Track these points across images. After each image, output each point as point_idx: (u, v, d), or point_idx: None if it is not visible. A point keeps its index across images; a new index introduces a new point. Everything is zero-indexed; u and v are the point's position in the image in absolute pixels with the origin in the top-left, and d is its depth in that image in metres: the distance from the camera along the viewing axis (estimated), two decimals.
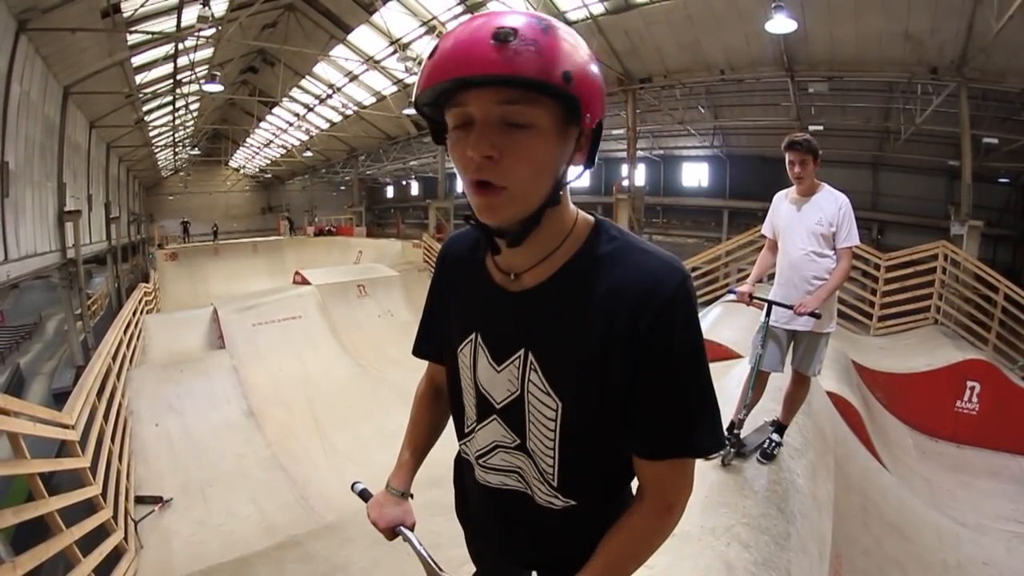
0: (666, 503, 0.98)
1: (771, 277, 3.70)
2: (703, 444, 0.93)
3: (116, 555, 4.76)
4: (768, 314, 3.44)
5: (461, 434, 1.17)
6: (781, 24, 10.15)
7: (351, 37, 18.66)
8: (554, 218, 0.93)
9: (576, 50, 0.84)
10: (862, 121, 14.30)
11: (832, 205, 3.31)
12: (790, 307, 3.32)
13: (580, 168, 0.92)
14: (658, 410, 0.92)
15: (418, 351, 1.30)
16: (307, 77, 23.34)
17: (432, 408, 1.33)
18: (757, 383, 3.48)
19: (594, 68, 0.86)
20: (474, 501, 1.23)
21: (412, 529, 1.22)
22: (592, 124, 0.87)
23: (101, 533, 4.62)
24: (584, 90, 0.83)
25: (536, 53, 0.79)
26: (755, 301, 3.54)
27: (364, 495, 1.35)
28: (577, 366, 0.93)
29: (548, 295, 0.96)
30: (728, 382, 4.68)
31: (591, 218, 1.01)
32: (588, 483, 1.03)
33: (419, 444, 1.32)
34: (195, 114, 26.26)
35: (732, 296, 3.73)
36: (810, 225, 3.34)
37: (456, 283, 1.14)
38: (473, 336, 1.06)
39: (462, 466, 1.24)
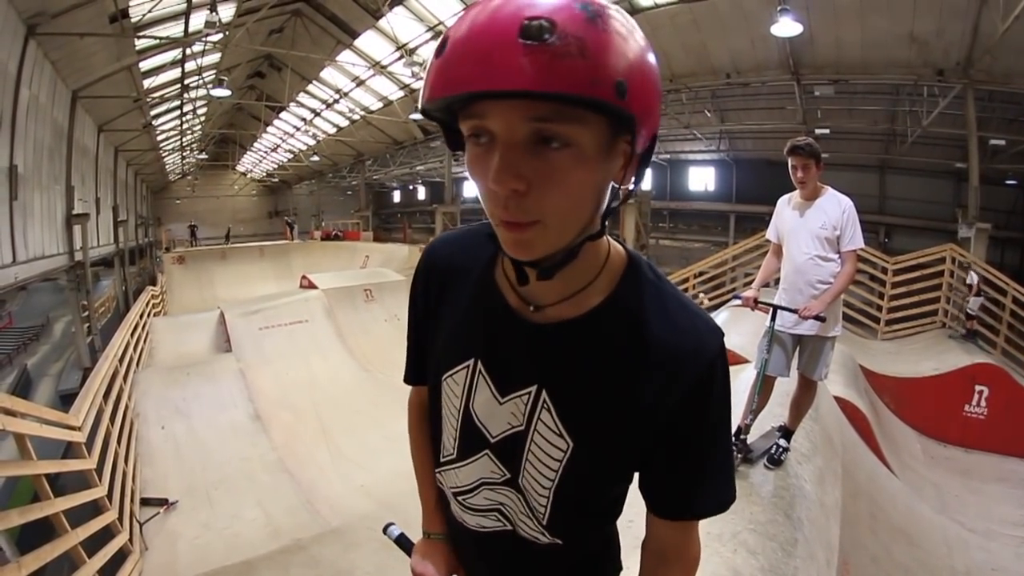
0: (692, 558, 0.98)
1: (777, 282, 3.69)
2: (725, 499, 0.91)
3: (121, 556, 4.76)
4: (773, 318, 3.43)
5: (438, 462, 1.04)
6: (786, 27, 10.15)
7: (358, 42, 18.73)
8: (592, 249, 0.81)
9: (631, 44, 0.65)
10: (868, 124, 14.28)
11: (836, 208, 3.30)
12: (795, 311, 3.31)
13: (628, 189, 0.78)
14: (689, 474, 0.88)
15: (411, 378, 1.13)
16: (314, 82, 23.43)
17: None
18: (763, 388, 3.46)
19: (652, 66, 0.69)
20: (453, 530, 1.11)
21: None
22: (647, 143, 0.72)
23: (106, 534, 4.63)
24: (641, 103, 0.65)
25: (581, 56, 0.59)
26: (760, 306, 3.53)
27: (403, 543, 1.22)
28: (598, 413, 0.84)
29: (575, 335, 0.84)
30: (735, 387, 4.66)
31: (622, 251, 0.88)
32: (578, 522, 0.95)
33: (426, 471, 1.17)
34: (202, 118, 26.47)
35: (737, 301, 3.73)
36: (814, 229, 3.33)
37: (450, 296, 0.97)
38: (471, 362, 0.92)
39: (441, 494, 1.12)
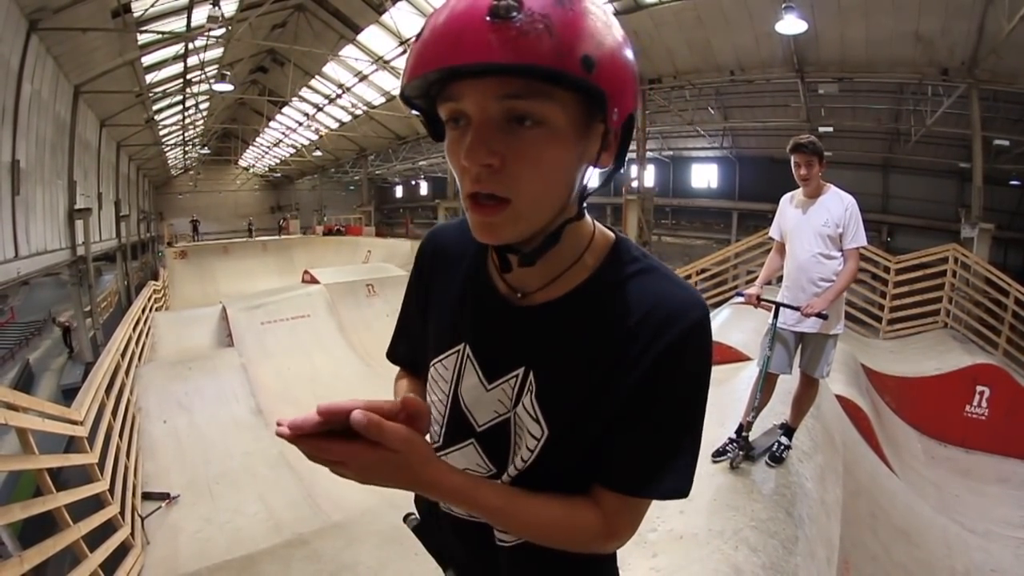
0: (612, 530, 0.85)
1: (779, 279, 3.69)
2: (675, 488, 0.82)
3: (123, 550, 4.77)
4: (776, 316, 3.43)
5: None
6: (791, 25, 10.13)
7: (360, 37, 18.73)
8: (573, 233, 0.81)
9: (604, 28, 0.67)
10: (872, 123, 14.25)
11: (838, 206, 3.30)
12: (797, 308, 3.32)
13: (607, 171, 0.79)
14: (644, 446, 0.81)
15: (393, 354, 1.14)
16: (317, 77, 23.42)
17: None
18: (765, 386, 3.46)
19: (626, 52, 0.70)
20: (436, 520, 1.07)
21: None
22: (620, 121, 0.72)
23: (108, 529, 4.64)
24: (611, 80, 0.67)
25: (546, 32, 0.62)
26: (763, 303, 3.53)
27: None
28: (576, 395, 0.81)
29: (560, 314, 0.83)
30: (737, 384, 4.67)
31: (610, 234, 0.88)
32: None
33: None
34: (205, 113, 26.45)
35: (740, 298, 3.72)
36: (816, 227, 3.33)
37: (443, 284, 0.97)
38: (461, 348, 0.91)
39: None
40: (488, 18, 0.61)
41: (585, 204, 0.82)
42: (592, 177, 0.79)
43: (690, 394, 0.82)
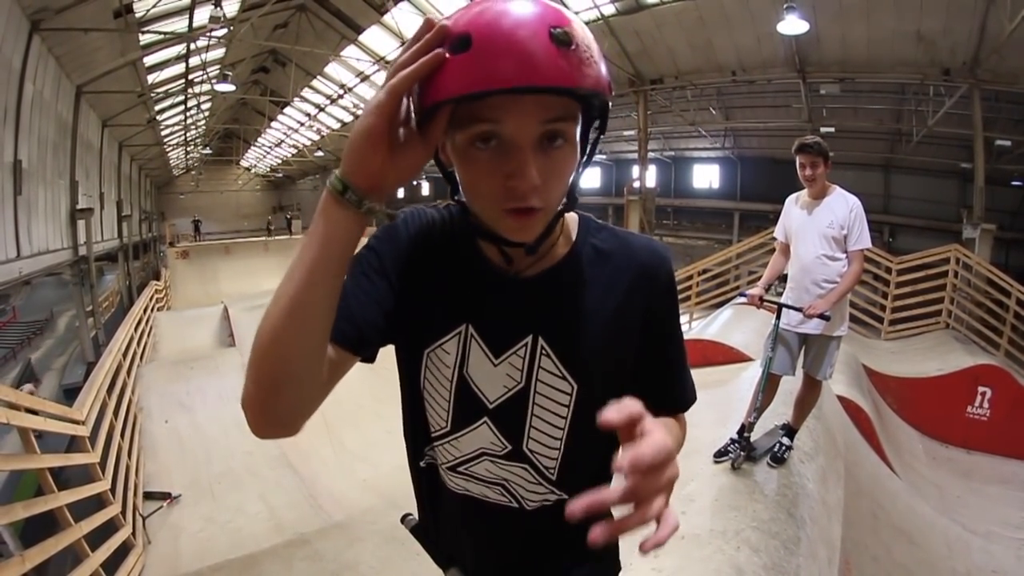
0: (684, 424, 1.05)
1: (782, 280, 3.69)
2: (692, 398, 1.02)
3: (124, 550, 4.78)
4: (778, 317, 3.43)
5: (427, 440, 1.02)
6: (793, 25, 10.12)
7: (362, 37, 18.70)
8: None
9: (596, 48, 0.75)
10: (874, 123, 14.24)
11: (843, 208, 3.30)
12: (800, 309, 3.32)
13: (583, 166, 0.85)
14: (667, 371, 1.00)
15: (339, 335, 0.83)
16: (318, 77, 23.40)
17: None
18: (768, 386, 3.46)
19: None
20: (448, 509, 1.07)
21: None
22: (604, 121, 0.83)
23: (109, 528, 4.65)
24: (609, 89, 0.76)
25: (593, 61, 0.70)
26: (766, 304, 3.53)
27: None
28: (592, 344, 0.91)
29: (556, 279, 0.92)
30: (739, 385, 4.67)
31: (574, 213, 0.96)
32: (585, 472, 0.96)
33: None
34: (207, 113, 26.41)
35: (743, 299, 3.73)
36: (821, 228, 3.33)
37: (428, 268, 0.93)
38: (462, 328, 0.93)
39: (427, 478, 1.08)
40: (552, 44, 0.66)
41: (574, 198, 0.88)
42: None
43: (678, 316, 1.01)
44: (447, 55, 0.69)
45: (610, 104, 0.79)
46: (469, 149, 0.75)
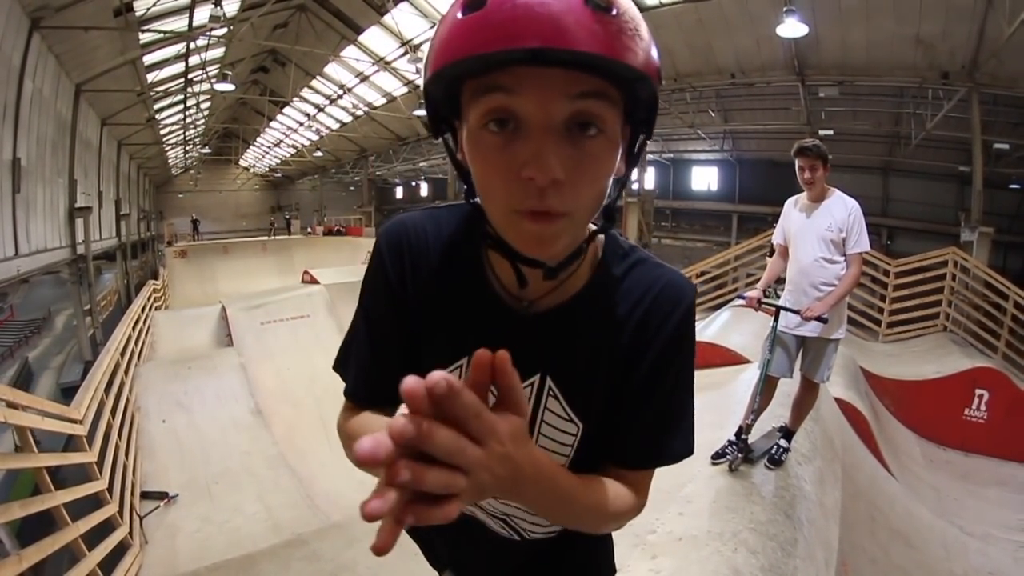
0: (642, 501, 0.87)
1: (779, 282, 3.69)
2: (687, 449, 0.87)
3: (121, 549, 4.77)
4: (776, 319, 3.43)
5: None
6: (792, 28, 10.16)
7: (362, 38, 18.74)
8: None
9: (642, 23, 0.64)
10: (872, 126, 14.26)
11: (842, 211, 3.30)
12: (798, 312, 3.32)
13: (620, 180, 0.73)
14: (659, 421, 0.84)
15: (363, 393, 0.91)
16: (318, 77, 23.43)
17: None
18: (765, 389, 3.47)
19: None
20: (447, 533, 1.04)
21: None
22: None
23: (106, 528, 4.64)
24: (658, 72, 0.65)
25: (637, 35, 0.60)
26: (764, 306, 3.53)
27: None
28: (599, 386, 0.84)
29: (571, 316, 0.82)
30: (737, 387, 4.67)
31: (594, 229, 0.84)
32: None
33: None
34: (206, 113, 26.45)
35: (741, 301, 3.73)
36: (820, 231, 3.34)
37: (428, 289, 0.85)
38: (464, 362, 0.84)
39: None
40: (587, 6, 0.56)
41: (613, 218, 0.80)
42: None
43: (690, 363, 0.85)
44: (459, 15, 0.59)
45: (659, 99, 0.67)
46: (481, 133, 0.63)
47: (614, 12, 0.57)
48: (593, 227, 0.79)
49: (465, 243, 0.84)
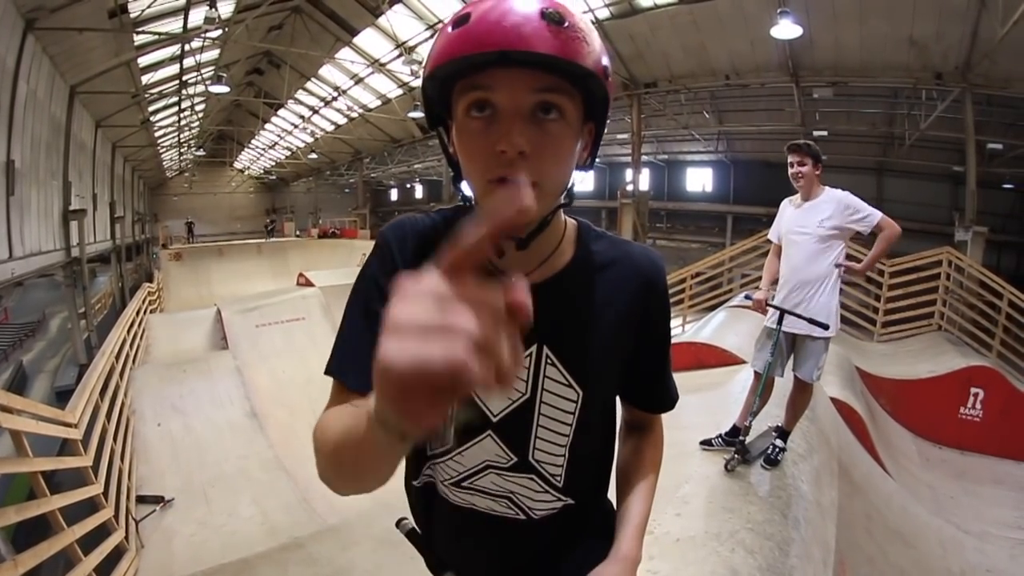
0: (661, 436, 1.13)
1: (774, 282, 3.70)
2: (676, 398, 1.09)
3: (117, 554, 4.76)
4: (780, 322, 3.42)
5: (424, 459, 1.00)
6: (786, 30, 10.19)
7: (357, 40, 18.70)
8: (557, 222, 0.90)
9: (604, 50, 0.80)
10: (866, 127, 14.30)
11: (831, 202, 3.37)
12: (802, 317, 3.32)
13: (583, 169, 0.87)
14: (660, 373, 1.05)
15: (353, 381, 0.87)
16: (313, 79, 23.37)
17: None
18: (765, 390, 3.47)
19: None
20: (449, 530, 1.06)
21: None
22: (602, 128, 0.86)
23: (102, 532, 4.62)
24: (610, 91, 0.80)
25: (585, 42, 0.74)
26: (771, 309, 3.52)
27: (414, 538, 1.09)
28: (596, 350, 0.93)
29: (560, 287, 0.91)
30: (732, 387, 4.68)
31: (572, 220, 0.99)
32: (589, 474, 1.03)
33: None
34: (201, 115, 26.39)
35: (748, 302, 3.73)
36: (812, 228, 3.37)
37: None
38: None
39: (424, 496, 1.05)
40: (543, 19, 0.71)
41: (572, 196, 0.89)
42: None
43: (670, 321, 1.05)
44: (450, 30, 0.75)
45: (611, 97, 0.81)
46: (466, 120, 0.77)
47: (566, 24, 0.72)
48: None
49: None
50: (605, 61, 0.78)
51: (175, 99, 21.11)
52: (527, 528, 0.99)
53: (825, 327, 3.25)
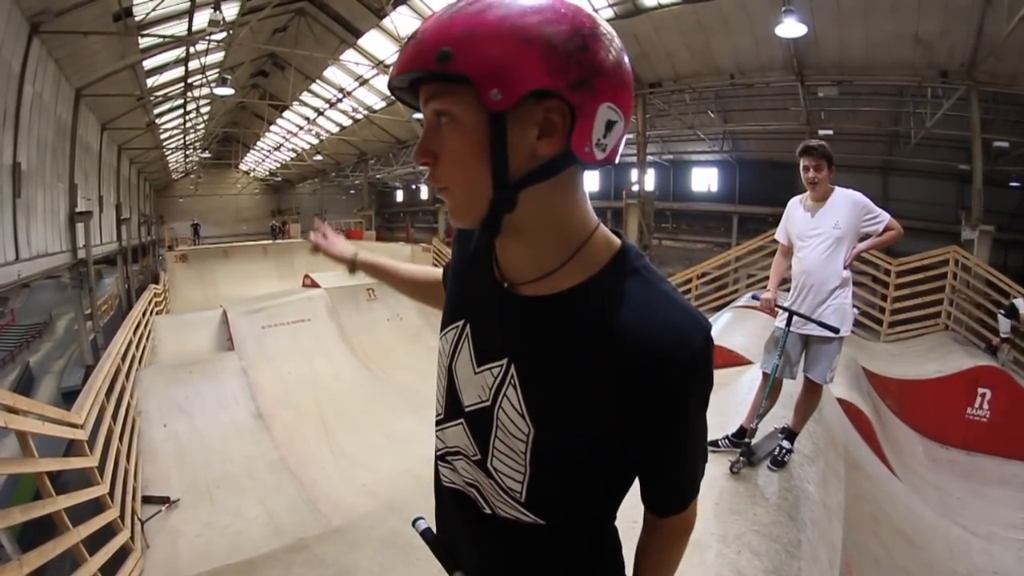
0: (689, 527, 1.01)
1: (784, 281, 3.68)
2: (697, 489, 0.96)
3: (122, 554, 4.76)
4: (789, 323, 3.40)
5: (436, 420, 1.04)
6: (791, 28, 10.16)
7: (361, 41, 18.75)
8: (549, 226, 0.82)
9: (470, 18, 0.72)
10: (872, 125, 14.25)
11: (845, 204, 3.32)
12: (817, 322, 3.30)
13: (591, 162, 0.78)
14: (660, 474, 0.91)
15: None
16: (317, 81, 23.46)
17: (430, 281, 1.43)
18: (772, 391, 3.45)
19: (487, 27, 0.71)
20: (439, 503, 1.10)
21: None
22: (513, 99, 0.71)
23: (108, 532, 4.63)
24: (478, 62, 0.70)
25: (416, 43, 0.75)
26: (779, 310, 3.50)
27: (428, 538, 1.15)
28: (565, 396, 0.82)
29: (548, 311, 0.83)
30: (739, 388, 4.66)
31: (616, 240, 0.87)
32: (562, 502, 0.91)
33: (397, 269, 1.57)
34: (206, 117, 26.49)
35: (755, 302, 3.71)
36: (826, 230, 3.33)
37: (461, 260, 1.03)
38: (461, 323, 0.95)
39: (434, 467, 1.08)
40: (411, 40, 0.77)
41: (560, 199, 0.81)
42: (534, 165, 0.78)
43: (702, 412, 0.87)
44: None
45: (461, 73, 0.71)
46: None
47: (417, 37, 0.75)
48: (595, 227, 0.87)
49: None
50: (452, 41, 0.71)
51: (180, 101, 21.21)
52: (491, 521, 0.95)
53: (836, 331, 3.23)
